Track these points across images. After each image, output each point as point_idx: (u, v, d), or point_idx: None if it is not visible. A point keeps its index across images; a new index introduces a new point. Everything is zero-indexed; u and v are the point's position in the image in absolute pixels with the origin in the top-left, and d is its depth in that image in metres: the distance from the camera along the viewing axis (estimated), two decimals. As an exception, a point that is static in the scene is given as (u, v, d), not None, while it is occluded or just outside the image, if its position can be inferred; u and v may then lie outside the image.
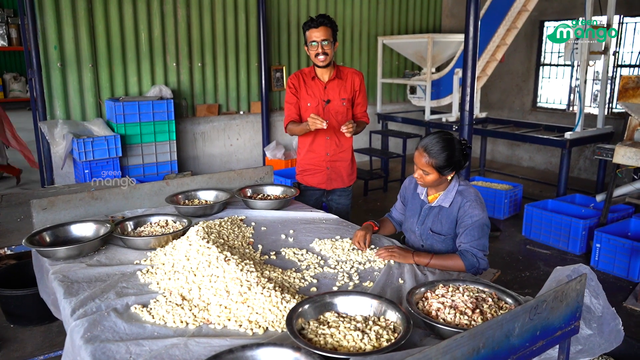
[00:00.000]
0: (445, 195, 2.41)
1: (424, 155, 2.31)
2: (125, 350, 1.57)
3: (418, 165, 2.35)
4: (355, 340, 1.53)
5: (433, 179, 2.34)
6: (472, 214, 2.32)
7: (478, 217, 2.31)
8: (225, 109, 7.45)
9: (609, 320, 1.70)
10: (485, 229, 2.33)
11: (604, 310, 1.70)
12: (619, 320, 1.70)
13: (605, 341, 1.68)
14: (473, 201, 2.34)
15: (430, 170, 2.31)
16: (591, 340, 1.66)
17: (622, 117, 6.76)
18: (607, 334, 1.68)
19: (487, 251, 2.32)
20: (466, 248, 2.29)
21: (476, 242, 2.29)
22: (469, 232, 2.30)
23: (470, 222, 2.31)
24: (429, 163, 2.30)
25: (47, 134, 5.77)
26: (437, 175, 2.32)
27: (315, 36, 3.09)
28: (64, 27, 5.95)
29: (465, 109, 4.70)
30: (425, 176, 2.35)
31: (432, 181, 2.35)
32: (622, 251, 4.34)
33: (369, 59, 8.75)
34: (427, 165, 2.31)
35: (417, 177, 2.38)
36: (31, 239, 2.34)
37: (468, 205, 2.33)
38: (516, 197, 6.02)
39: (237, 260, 2.02)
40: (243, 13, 7.23)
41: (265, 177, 3.49)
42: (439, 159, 2.28)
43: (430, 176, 2.33)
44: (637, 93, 4.32)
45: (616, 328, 1.69)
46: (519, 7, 6.64)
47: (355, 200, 6.46)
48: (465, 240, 2.31)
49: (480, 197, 2.38)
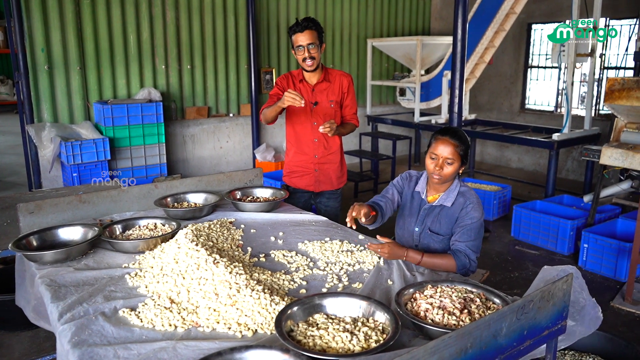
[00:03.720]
0: (447, 194, 2.41)
1: (452, 143, 2.30)
2: (113, 354, 1.56)
3: (441, 155, 2.32)
4: (344, 342, 1.54)
5: (454, 169, 2.33)
6: (472, 215, 2.34)
7: (476, 220, 2.34)
8: (215, 112, 7.43)
9: (589, 310, 1.74)
10: (481, 231, 2.36)
11: (586, 302, 1.75)
12: (599, 308, 1.75)
13: (584, 328, 1.72)
14: (475, 204, 2.36)
15: (456, 158, 2.31)
16: (572, 329, 1.70)
17: (608, 119, 6.84)
18: (587, 322, 1.73)
19: (479, 253, 2.34)
20: (460, 248, 2.30)
21: (472, 242, 2.31)
22: (466, 232, 2.32)
23: (470, 222, 2.33)
24: (456, 151, 2.30)
25: (35, 137, 5.71)
26: (458, 165, 2.33)
27: (301, 40, 3.09)
28: (52, 29, 5.91)
29: (454, 111, 4.74)
30: (448, 167, 2.33)
31: (452, 173, 2.34)
32: (609, 251, 4.38)
33: (358, 61, 8.77)
34: (453, 154, 2.30)
35: (438, 170, 2.33)
36: (18, 243, 2.32)
37: (470, 207, 2.35)
38: (505, 198, 6.05)
39: (226, 263, 2.01)
40: (232, 15, 7.22)
41: (254, 179, 3.49)
42: (463, 146, 2.31)
43: (452, 166, 2.32)
44: (623, 95, 4.37)
45: (595, 315, 1.74)
46: (507, 10, 6.70)
47: (346, 202, 6.44)
48: (461, 239, 2.32)
49: (479, 200, 2.40)
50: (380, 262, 2.28)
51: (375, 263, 2.27)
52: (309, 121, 3.30)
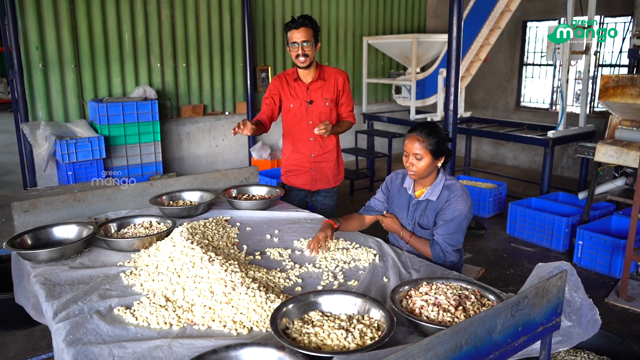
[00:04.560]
0: (433, 189, 2.45)
1: (417, 139, 2.35)
2: (108, 352, 1.55)
3: (410, 152, 2.37)
4: (339, 339, 1.54)
5: (426, 164, 2.37)
6: (455, 207, 2.36)
7: (460, 212, 2.36)
8: (211, 110, 7.41)
9: (586, 311, 1.74)
10: (464, 223, 2.39)
11: (582, 302, 1.74)
12: (596, 310, 1.75)
13: (583, 331, 1.72)
14: (459, 196, 2.38)
15: (424, 153, 2.35)
16: (570, 331, 1.70)
17: (603, 116, 6.86)
18: (585, 324, 1.73)
19: (459, 245, 2.38)
20: (437, 240, 2.36)
21: (449, 236, 2.35)
22: (447, 225, 2.36)
23: (451, 216, 2.36)
24: (422, 146, 2.34)
25: (29, 135, 5.69)
26: (429, 159, 2.36)
27: (296, 37, 3.08)
28: (46, 27, 5.88)
29: (450, 109, 4.74)
30: (417, 162, 2.37)
31: (424, 167, 2.37)
32: (604, 248, 4.40)
33: (354, 59, 8.77)
34: (420, 149, 2.34)
35: (409, 165, 2.40)
36: (12, 242, 2.30)
37: (454, 199, 2.38)
38: (501, 195, 6.07)
39: (221, 261, 2.01)
40: (228, 13, 7.20)
41: (250, 177, 3.48)
42: (431, 141, 2.34)
43: (423, 161, 2.36)
44: (618, 92, 4.39)
45: (593, 318, 1.74)
46: (502, 8, 6.71)
47: (342, 199, 6.47)
48: (440, 232, 2.37)
49: (466, 192, 2.42)
50: (375, 260, 2.28)
51: (371, 261, 2.28)
52: (305, 120, 3.29)
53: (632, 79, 4.30)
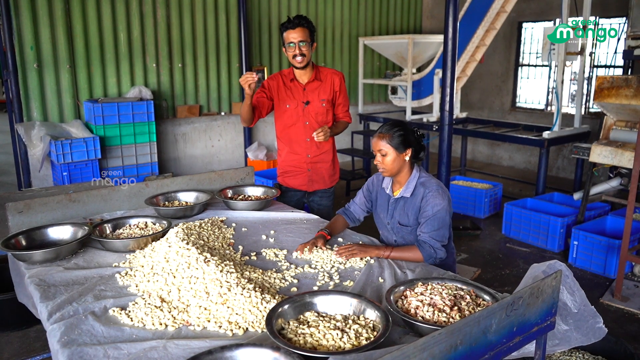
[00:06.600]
0: (407, 186, 2.47)
1: (379, 136, 2.41)
2: (103, 354, 1.55)
3: (376, 150, 2.43)
4: (334, 339, 1.54)
5: (392, 159, 2.40)
6: (433, 203, 2.37)
7: (440, 207, 2.36)
8: (207, 110, 7.40)
9: (587, 317, 1.72)
10: (447, 218, 2.39)
11: (581, 307, 1.73)
12: (600, 319, 1.73)
13: (582, 336, 1.71)
14: (434, 191, 2.39)
15: (387, 148, 2.38)
16: (567, 335, 1.70)
17: (598, 117, 6.90)
18: (584, 329, 1.71)
19: (445, 241, 2.38)
20: (424, 239, 2.35)
21: (435, 232, 2.35)
22: (430, 222, 2.36)
23: (432, 212, 2.36)
24: (385, 142, 2.38)
25: (24, 136, 5.66)
26: (394, 153, 2.39)
27: (293, 37, 3.08)
28: (41, 27, 5.86)
29: (446, 109, 4.74)
30: (384, 158, 2.41)
31: (391, 162, 2.40)
32: (599, 248, 4.42)
33: (350, 60, 8.78)
34: (384, 145, 2.39)
35: (378, 163, 2.44)
36: (7, 243, 2.30)
37: (430, 195, 2.39)
38: (496, 196, 6.09)
39: (217, 262, 2.01)
40: (223, 13, 7.20)
41: (246, 178, 3.48)
42: (392, 135, 2.38)
43: (389, 156, 2.39)
44: (612, 93, 4.41)
45: (596, 325, 1.72)
46: (498, 8, 6.72)
47: (338, 200, 6.46)
48: (425, 230, 2.37)
49: (443, 187, 2.43)
50: (371, 261, 2.28)
51: (367, 261, 2.28)
52: (301, 121, 3.29)
53: (626, 79, 4.32)
